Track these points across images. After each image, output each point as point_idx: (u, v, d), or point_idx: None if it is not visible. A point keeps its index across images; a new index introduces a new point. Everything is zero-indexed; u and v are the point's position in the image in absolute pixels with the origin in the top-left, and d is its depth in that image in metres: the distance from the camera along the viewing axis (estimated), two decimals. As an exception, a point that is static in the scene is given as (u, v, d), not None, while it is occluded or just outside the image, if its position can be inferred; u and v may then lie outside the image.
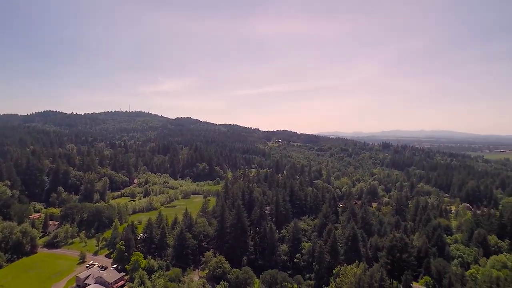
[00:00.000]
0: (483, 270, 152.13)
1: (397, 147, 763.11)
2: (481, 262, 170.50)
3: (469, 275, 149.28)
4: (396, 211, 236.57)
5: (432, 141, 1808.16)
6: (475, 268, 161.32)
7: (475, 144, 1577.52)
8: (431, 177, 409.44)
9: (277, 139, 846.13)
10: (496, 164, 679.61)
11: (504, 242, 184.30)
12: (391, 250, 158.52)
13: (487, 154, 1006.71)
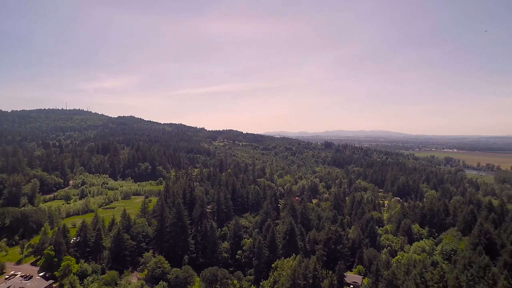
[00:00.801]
0: (407, 255, 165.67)
1: (338, 146, 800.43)
2: (405, 249, 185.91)
3: (395, 261, 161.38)
4: (334, 206, 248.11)
5: (370, 140, 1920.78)
6: (400, 254, 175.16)
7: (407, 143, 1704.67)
8: (368, 174, 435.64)
9: (222, 138, 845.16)
10: (424, 161, 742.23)
11: (425, 230, 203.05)
12: (327, 242, 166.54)
13: (417, 152, 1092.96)
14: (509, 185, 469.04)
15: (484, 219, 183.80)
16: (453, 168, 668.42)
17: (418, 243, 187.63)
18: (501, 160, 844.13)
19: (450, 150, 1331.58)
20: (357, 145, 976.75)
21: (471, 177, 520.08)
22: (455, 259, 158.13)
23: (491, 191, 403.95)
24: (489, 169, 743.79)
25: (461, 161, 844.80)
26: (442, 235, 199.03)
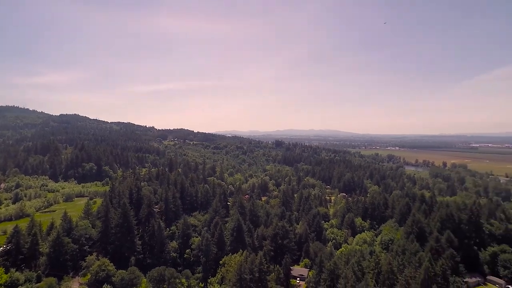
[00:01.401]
0: (350, 247, 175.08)
1: (289, 145, 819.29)
2: (349, 241, 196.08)
3: (339, 253, 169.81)
4: (283, 203, 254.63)
5: (320, 139, 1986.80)
6: (344, 246, 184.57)
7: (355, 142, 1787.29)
8: (316, 171, 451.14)
9: (173, 137, 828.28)
10: (369, 159, 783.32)
11: (367, 223, 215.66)
12: (274, 238, 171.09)
13: (363, 150, 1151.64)
14: (441, 179, 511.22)
15: (417, 210, 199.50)
16: (395, 165, 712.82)
17: (360, 235, 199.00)
18: (435, 157, 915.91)
19: (392, 148, 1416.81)
20: (307, 144, 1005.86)
21: (409, 173, 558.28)
22: (391, 247, 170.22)
23: (426, 185, 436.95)
24: (425, 165, 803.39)
25: (401, 158, 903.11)
26: (382, 226, 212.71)
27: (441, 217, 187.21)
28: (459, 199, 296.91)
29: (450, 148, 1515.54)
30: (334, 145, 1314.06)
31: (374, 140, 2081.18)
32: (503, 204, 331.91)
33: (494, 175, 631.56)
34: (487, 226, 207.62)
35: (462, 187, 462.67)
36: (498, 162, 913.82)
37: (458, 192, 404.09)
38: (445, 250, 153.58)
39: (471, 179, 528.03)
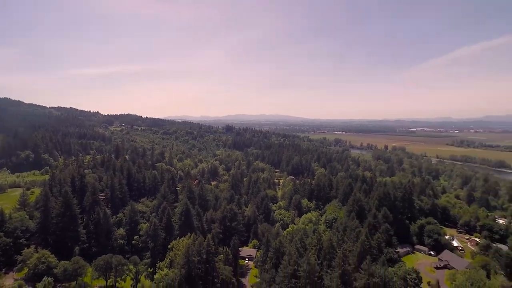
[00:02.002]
0: (296, 227, 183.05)
1: (239, 130, 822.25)
2: (296, 221, 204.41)
3: (286, 233, 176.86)
4: (232, 187, 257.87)
5: (270, 124, 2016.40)
6: (291, 227, 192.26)
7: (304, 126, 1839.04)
8: (266, 155, 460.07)
9: (120, 123, 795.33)
10: (317, 143, 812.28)
11: (312, 203, 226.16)
12: (222, 220, 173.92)
13: (312, 134, 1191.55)
14: (382, 161, 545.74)
15: (358, 190, 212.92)
16: (341, 148, 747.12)
17: (306, 215, 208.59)
18: (378, 140, 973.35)
19: (340, 132, 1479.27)
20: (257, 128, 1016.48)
21: (354, 155, 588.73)
22: (335, 226, 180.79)
23: (368, 167, 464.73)
24: (369, 148, 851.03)
25: (348, 142, 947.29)
26: (326, 206, 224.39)
27: (379, 195, 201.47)
28: (397, 179, 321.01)
29: (392, 132, 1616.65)
30: (284, 130, 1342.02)
31: (323, 125, 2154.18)
32: (433, 182, 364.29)
33: (427, 156, 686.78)
34: (418, 202, 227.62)
35: (401, 168, 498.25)
36: (432, 144, 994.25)
37: (396, 172, 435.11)
38: (381, 225, 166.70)
39: (408, 160, 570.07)
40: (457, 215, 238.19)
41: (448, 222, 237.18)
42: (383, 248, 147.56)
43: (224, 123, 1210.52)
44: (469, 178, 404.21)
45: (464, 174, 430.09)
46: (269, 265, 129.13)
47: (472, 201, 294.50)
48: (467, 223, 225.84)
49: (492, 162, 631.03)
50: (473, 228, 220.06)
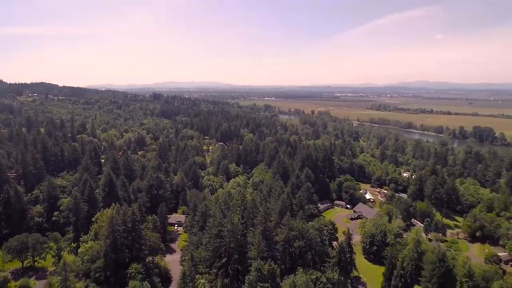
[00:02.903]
0: (224, 191, 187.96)
1: (167, 97, 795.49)
2: (224, 186, 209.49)
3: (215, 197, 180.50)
4: (160, 155, 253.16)
5: (200, 91, 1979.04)
6: (220, 191, 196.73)
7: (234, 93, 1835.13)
8: (195, 123, 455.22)
9: (31, 92, 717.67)
10: (247, 109, 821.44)
11: (240, 168, 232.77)
12: (149, 189, 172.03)
13: (242, 101, 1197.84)
14: (308, 125, 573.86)
15: (283, 153, 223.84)
16: (270, 114, 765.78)
17: (234, 179, 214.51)
18: (305, 106, 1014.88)
19: (269, 98, 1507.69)
20: (187, 96, 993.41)
21: (283, 120, 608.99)
22: (261, 187, 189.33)
23: (295, 131, 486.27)
24: (297, 113, 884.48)
25: (277, 107, 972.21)
26: (254, 170, 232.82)
27: (302, 157, 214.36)
28: (320, 142, 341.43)
29: (319, 98, 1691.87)
30: (214, 96, 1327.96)
31: (253, 91, 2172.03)
32: (353, 143, 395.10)
33: (349, 120, 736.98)
34: (338, 162, 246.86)
35: (325, 131, 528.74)
36: (354, 109, 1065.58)
37: (321, 135, 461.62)
38: (304, 184, 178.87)
39: (332, 124, 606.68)
40: (371, 172, 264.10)
41: (364, 178, 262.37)
42: (304, 205, 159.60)
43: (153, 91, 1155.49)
44: (383, 139, 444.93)
45: (380, 135, 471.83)
46: (196, 228, 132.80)
47: (385, 158, 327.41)
48: (379, 178, 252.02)
49: (403, 124, 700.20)
50: (384, 182, 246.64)
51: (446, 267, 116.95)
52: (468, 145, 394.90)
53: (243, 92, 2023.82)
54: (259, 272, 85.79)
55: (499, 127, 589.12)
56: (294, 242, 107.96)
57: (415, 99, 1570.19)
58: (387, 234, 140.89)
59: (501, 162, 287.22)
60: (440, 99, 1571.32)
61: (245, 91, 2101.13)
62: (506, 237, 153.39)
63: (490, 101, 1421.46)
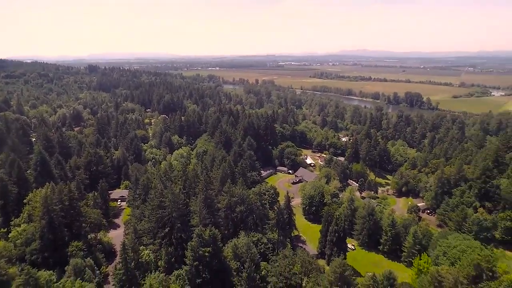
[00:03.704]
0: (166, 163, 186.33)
1: (105, 69, 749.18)
2: (168, 158, 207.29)
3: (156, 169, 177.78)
4: (99, 131, 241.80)
5: (141, 62, 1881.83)
6: (163, 163, 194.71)
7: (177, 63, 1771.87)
8: (135, 96, 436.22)
9: None
10: (190, 79, 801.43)
11: (183, 139, 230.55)
12: (88, 165, 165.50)
13: (185, 71, 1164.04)
14: (253, 94, 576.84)
15: (225, 123, 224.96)
16: (214, 84, 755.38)
17: (178, 151, 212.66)
18: (250, 75, 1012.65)
19: (213, 68, 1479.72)
20: (126, 67, 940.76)
21: (227, 90, 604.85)
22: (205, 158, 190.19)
23: (240, 101, 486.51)
24: (241, 83, 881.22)
25: (221, 77, 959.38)
26: (197, 141, 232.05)
27: (244, 126, 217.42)
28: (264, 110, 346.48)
29: (263, 67, 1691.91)
30: (156, 68, 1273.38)
31: (196, 61, 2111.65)
32: (296, 111, 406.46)
33: (293, 88, 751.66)
34: (280, 129, 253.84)
35: (269, 100, 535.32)
36: (297, 77, 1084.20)
37: (265, 104, 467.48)
38: (246, 152, 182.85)
39: (276, 92, 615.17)
40: (313, 138, 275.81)
41: (305, 144, 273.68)
42: (247, 172, 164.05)
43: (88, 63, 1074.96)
44: (324, 106, 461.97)
45: (321, 102, 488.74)
46: (139, 201, 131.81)
47: (325, 125, 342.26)
48: (319, 143, 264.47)
49: (343, 91, 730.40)
50: (324, 147, 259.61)
51: (374, 220, 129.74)
52: (399, 110, 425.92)
53: (186, 62, 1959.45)
54: (201, 237, 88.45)
55: (427, 92, 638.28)
56: (236, 208, 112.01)
57: (355, 67, 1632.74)
58: (324, 195, 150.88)
59: (426, 125, 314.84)
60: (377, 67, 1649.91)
61: (188, 61, 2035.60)
62: (424, 189, 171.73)
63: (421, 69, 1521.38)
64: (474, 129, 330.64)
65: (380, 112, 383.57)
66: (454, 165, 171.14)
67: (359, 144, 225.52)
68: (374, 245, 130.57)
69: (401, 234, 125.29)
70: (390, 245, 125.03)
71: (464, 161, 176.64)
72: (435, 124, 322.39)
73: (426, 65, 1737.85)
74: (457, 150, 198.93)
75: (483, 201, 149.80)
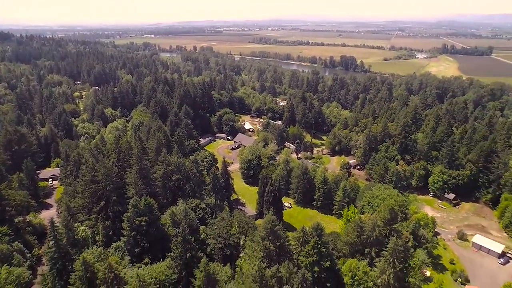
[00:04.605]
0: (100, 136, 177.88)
1: (21, 37, 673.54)
2: (102, 132, 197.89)
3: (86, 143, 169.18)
4: (19, 107, 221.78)
5: (67, 30, 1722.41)
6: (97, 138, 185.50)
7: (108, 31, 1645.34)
8: (62, 67, 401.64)
9: None
10: (123, 48, 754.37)
11: (117, 111, 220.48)
12: (8, 145, 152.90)
13: (118, 40, 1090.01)
14: (191, 62, 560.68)
15: (160, 92, 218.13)
16: (149, 52, 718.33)
17: (112, 124, 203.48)
18: (187, 42, 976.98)
19: (148, 35, 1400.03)
20: (48, 36, 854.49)
21: (164, 59, 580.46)
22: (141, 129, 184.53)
23: (177, 69, 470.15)
24: (179, 50, 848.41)
25: (157, 45, 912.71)
26: (132, 112, 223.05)
27: (180, 95, 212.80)
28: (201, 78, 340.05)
29: (201, 33, 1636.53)
30: (84, 36, 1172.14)
31: (130, 28, 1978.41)
32: (235, 77, 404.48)
33: (232, 54, 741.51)
34: (218, 96, 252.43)
35: (208, 67, 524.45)
36: (236, 43, 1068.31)
37: (203, 72, 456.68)
38: (183, 121, 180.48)
39: (214, 59, 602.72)
40: (251, 103, 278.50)
41: (244, 110, 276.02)
42: (184, 141, 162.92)
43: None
44: (263, 71, 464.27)
45: (260, 68, 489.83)
46: (71, 178, 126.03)
47: (264, 90, 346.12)
48: (258, 108, 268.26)
49: (282, 56, 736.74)
50: (262, 112, 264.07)
51: (308, 179, 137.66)
52: (335, 73, 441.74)
53: (118, 29, 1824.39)
54: (136, 208, 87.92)
55: (360, 56, 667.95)
56: (172, 177, 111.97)
57: (293, 32, 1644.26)
58: (262, 158, 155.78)
59: (358, 86, 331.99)
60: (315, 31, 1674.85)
61: (120, 29, 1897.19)
62: (355, 147, 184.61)
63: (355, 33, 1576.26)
64: (401, 89, 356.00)
65: (316, 76, 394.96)
66: (380, 123, 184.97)
67: (295, 107, 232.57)
68: (309, 202, 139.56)
69: (332, 189, 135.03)
70: (323, 201, 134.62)
71: (389, 119, 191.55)
72: (366, 85, 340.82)
73: (360, 29, 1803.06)
74: (383, 110, 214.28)
75: (403, 154, 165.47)
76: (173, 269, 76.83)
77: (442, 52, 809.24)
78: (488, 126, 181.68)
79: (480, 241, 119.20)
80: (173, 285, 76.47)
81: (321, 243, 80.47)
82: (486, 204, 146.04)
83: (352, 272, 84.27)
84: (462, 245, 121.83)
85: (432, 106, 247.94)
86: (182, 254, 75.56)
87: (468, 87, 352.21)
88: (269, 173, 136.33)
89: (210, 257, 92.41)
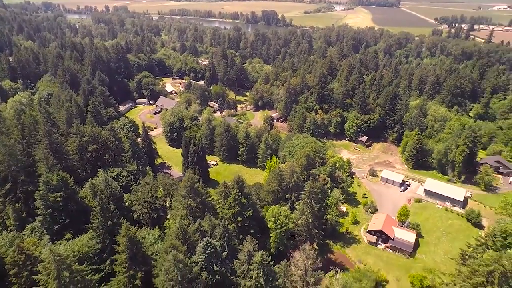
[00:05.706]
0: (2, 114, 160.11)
1: None
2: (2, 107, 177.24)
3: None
4: None
5: None
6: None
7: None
8: None
9: None
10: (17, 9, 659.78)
11: (19, 83, 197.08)
12: None
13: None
14: (103, 24, 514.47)
15: (68, 59, 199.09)
16: (53, 14, 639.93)
17: (14, 98, 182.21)
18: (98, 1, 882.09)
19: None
20: None
21: (72, 21, 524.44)
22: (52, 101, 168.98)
23: (88, 32, 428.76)
24: (88, 11, 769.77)
25: (61, 5, 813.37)
26: (38, 83, 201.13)
27: (92, 60, 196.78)
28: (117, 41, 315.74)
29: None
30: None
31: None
32: (154, 38, 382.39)
33: (149, 13, 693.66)
34: (135, 60, 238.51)
35: (123, 28, 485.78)
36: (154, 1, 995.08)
37: (118, 34, 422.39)
38: (97, 89, 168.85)
39: (130, 20, 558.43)
40: (172, 65, 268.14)
41: (165, 73, 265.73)
42: (101, 109, 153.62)
43: None
44: (184, 31, 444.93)
45: (180, 27, 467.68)
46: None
47: (185, 50, 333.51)
48: (179, 70, 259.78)
49: (203, 13, 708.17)
50: (184, 73, 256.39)
51: (231, 135, 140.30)
52: (256, 29, 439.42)
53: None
54: (48, 184, 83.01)
55: (282, 10, 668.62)
56: (88, 147, 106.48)
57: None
58: (184, 120, 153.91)
59: (280, 41, 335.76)
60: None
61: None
62: (276, 101, 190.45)
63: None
64: (320, 41, 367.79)
65: (238, 32, 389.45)
66: (299, 75, 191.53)
67: (216, 66, 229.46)
68: (234, 158, 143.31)
69: (255, 143, 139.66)
70: (247, 155, 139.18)
71: (307, 71, 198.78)
72: (287, 39, 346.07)
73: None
74: (301, 62, 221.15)
75: (321, 104, 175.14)
76: (95, 240, 75.59)
77: (358, 4, 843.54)
78: (394, 72, 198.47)
79: (386, 175, 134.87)
80: (98, 255, 75.67)
81: (242, 195, 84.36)
82: (392, 143, 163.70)
83: (275, 217, 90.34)
84: (373, 180, 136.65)
85: (348, 56, 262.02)
86: (102, 223, 74.24)
87: (380, 37, 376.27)
88: (193, 133, 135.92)
89: (138, 222, 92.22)
